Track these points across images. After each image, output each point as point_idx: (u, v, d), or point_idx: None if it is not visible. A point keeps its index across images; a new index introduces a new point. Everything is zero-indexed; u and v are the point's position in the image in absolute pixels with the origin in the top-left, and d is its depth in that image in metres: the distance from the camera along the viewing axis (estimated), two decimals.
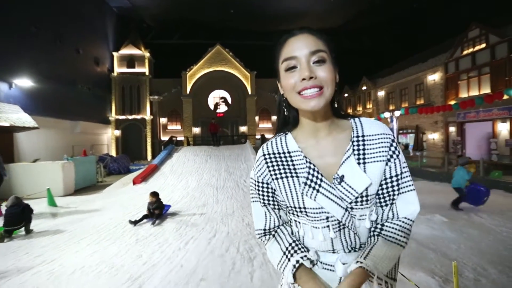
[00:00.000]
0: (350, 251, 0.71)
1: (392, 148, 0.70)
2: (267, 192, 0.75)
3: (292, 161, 0.72)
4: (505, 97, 9.40)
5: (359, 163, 0.68)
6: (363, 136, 0.71)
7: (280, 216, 0.77)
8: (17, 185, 8.58)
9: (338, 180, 0.68)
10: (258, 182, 0.76)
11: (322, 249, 0.72)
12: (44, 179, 8.49)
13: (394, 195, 0.70)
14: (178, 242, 3.98)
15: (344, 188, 0.67)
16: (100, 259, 3.43)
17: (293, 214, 0.74)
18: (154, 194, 5.35)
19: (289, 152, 0.74)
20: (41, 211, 6.11)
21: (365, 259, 0.64)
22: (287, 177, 0.72)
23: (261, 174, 0.75)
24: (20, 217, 4.54)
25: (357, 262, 0.64)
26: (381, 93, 19.79)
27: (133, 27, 23.92)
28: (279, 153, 0.74)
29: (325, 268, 0.71)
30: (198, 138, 21.43)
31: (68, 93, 16.44)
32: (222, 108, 23.17)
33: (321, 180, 0.68)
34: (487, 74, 11.80)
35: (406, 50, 21.17)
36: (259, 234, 0.78)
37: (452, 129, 13.76)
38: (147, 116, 22.53)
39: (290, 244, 0.73)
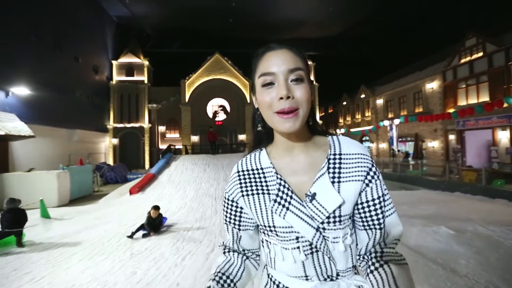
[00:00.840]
0: (325, 279, 0.67)
1: (372, 171, 0.67)
2: (232, 210, 0.74)
3: (264, 177, 0.70)
4: (505, 105, 9.40)
5: (333, 182, 0.65)
6: (340, 154, 0.68)
7: (239, 237, 0.75)
8: (11, 195, 8.32)
9: (310, 198, 0.65)
10: (227, 199, 0.75)
11: (293, 274, 0.68)
12: (39, 189, 8.31)
13: (381, 218, 0.66)
14: (175, 257, 3.80)
15: (315, 206, 0.64)
16: (92, 277, 3.25)
17: (264, 233, 0.72)
18: (158, 209, 5.16)
19: (262, 169, 0.72)
20: (33, 223, 5.91)
21: None
22: (258, 194, 0.69)
23: (232, 192, 0.73)
24: (16, 223, 4.43)
25: None
26: (379, 101, 19.85)
27: (132, 36, 24.10)
28: (252, 170, 0.73)
29: None
30: (197, 147, 21.28)
31: (66, 101, 16.37)
32: (221, 117, 23.12)
33: (291, 198, 0.65)
34: (485, 82, 11.84)
35: (405, 58, 21.36)
36: (219, 245, 0.80)
37: (451, 137, 13.72)
38: (146, 124, 22.44)
39: (216, 273, 0.73)
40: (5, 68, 11.80)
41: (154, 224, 4.95)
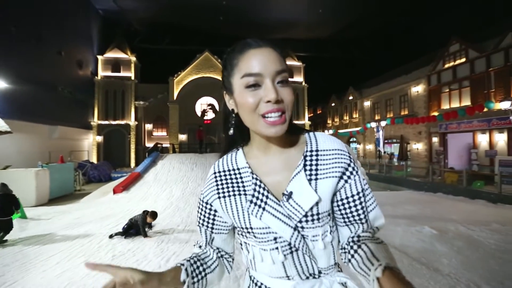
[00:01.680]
0: (307, 278, 0.65)
1: (351, 167, 0.65)
2: (206, 213, 0.72)
3: (241, 178, 0.68)
4: (485, 109, 9.77)
5: (310, 179, 0.64)
6: (317, 150, 0.67)
7: (212, 239, 0.73)
8: None
9: (286, 197, 0.63)
10: (201, 201, 0.73)
11: (274, 275, 0.66)
12: (15, 188, 7.82)
13: (363, 213, 0.65)
14: (159, 259, 3.68)
15: (292, 205, 0.63)
16: (70, 280, 3.09)
17: (242, 235, 0.70)
18: (155, 217, 4.91)
19: (238, 169, 0.70)
20: None
21: (379, 260, 0.54)
22: (234, 195, 0.67)
23: (208, 193, 0.71)
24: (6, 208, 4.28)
25: (379, 266, 0.52)
26: (367, 103, 20.24)
27: (119, 31, 23.41)
28: (229, 170, 0.70)
29: None
30: (185, 145, 20.97)
31: (47, 96, 15.68)
32: (210, 115, 22.89)
33: (267, 197, 0.64)
34: (467, 87, 12.29)
35: (392, 62, 21.92)
36: (194, 244, 0.77)
37: (435, 139, 14.17)
38: (132, 121, 21.88)
39: (191, 257, 0.70)
40: None
41: (146, 228, 4.78)
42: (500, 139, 10.91)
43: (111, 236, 4.57)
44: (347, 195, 0.65)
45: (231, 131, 0.70)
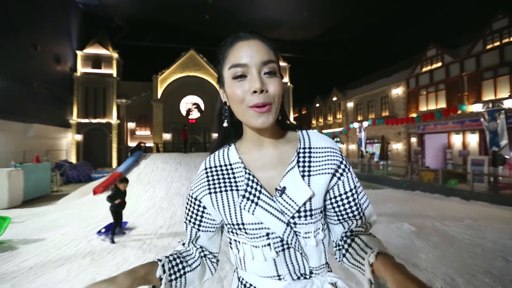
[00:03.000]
0: (298, 278, 0.65)
1: (343, 164, 0.67)
2: (194, 209, 0.71)
3: (233, 173, 0.68)
4: (459, 111, 10.31)
5: (303, 175, 0.64)
6: (310, 148, 0.68)
7: (197, 237, 0.72)
8: None
9: (279, 193, 0.63)
10: (191, 197, 0.72)
11: (265, 274, 0.65)
12: None
13: (357, 209, 0.66)
14: (140, 261, 3.58)
15: (285, 200, 0.62)
16: (44, 287, 2.93)
17: (232, 233, 0.68)
18: (126, 181, 4.59)
19: (230, 164, 0.69)
20: None
21: (372, 248, 0.58)
22: (226, 190, 0.67)
23: (198, 189, 0.70)
24: None
25: (372, 252, 0.56)
26: (350, 104, 20.76)
27: (100, 26, 22.60)
28: (220, 166, 0.70)
29: None
30: (169, 145, 20.58)
31: (21, 92, 14.85)
32: (195, 114, 22.59)
33: (260, 192, 0.63)
34: (443, 90, 12.91)
35: (374, 64, 22.63)
36: (179, 241, 0.76)
37: (413, 139, 14.77)
38: (113, 120, 21.18)
39: (171, 254, 0.69)
40: None
41: (123, 201, 4.51)
42: (472, 139, 11.56)
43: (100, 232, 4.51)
44: (340, 192, 0.66)
45: (225, 123, 0.70)
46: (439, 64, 13.11)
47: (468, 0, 20.57)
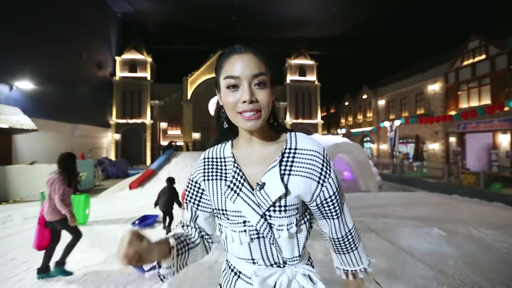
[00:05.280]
0: (272, 265, 0.73)
1: (324, 171, 0.73)
2: (194, 190, 0.80)
3: (225, 165, 0.77)
4: (506, 108, 9.36)
5: (284, 174, 0.71)
6: (295, 149, 0.74)
7: (196, 216, 0.81)
8: (13, 187, 8.53)
9: (259, 187, 0.71)
10: (191, 180, 0.81)
11: (241, 256, 0.74)
12: (40, 182, 8.39)
13: (337, 209, 0.76)
14: None
15: (262, 195, 0.70)
16: (87, 268, 3.34)
17: (218, 217, 0.78)
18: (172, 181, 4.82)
19: (224, 158, 0.78)
20: (33, 215, 6.03)
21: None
22: (216, 179, 0.76)
23: (196, 175, 0.80)
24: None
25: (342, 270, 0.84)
26: (381, 102, 19.79)
27: (136, 33, 24.20)
28: (216, 158, 0.80)
29: (245, 281, 0.74)
30: (198, 144, 21.41)
31: (69, 96, 16.53)
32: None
33: (243, 185, 0.71)
34: (487, 85, 11.79)
35: (407, 60, 21.27)
36: (177, 224, 0.85)
37: (452, 139, 13.68)
38: (148, 120, 22.57)
39: (174, 234, 0.76)
40: (9, 62, 11.95)
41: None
42: None
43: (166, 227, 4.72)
44: (325, 197, 0.74)
45: (225, 124, 0.80)
46: (483, 56, 11.98)
47: None
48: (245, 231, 0.71)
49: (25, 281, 2.99)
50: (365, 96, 21.83)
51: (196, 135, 23.15)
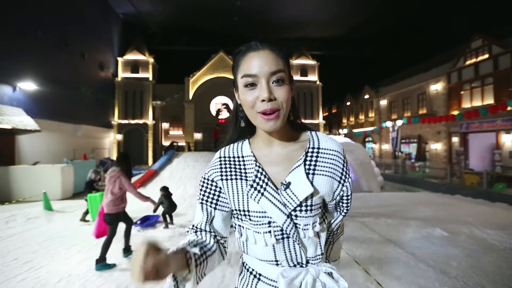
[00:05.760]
0: (295, 265, 0.70)
1: (345, 171, 0.74)
2: (211, 190, 0.76)
3: (244, 165, 0.74)
4: (509, 108, 9.30)
5: (308, 173, 0.70)
6: (318, 148, 0.73)
7: (212, 217, 0.76)
8: (16, 187, 8.59)
9: (284, 187, 0.69)
10: (206, 179, 0.77)
11: (264, 257, 0.71)
12: (43, 182, 8.49)
13: (346, 209, 0.77)
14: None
15: (288, 195, 0.68)
16: (89, 267, 3.35)
17: (237, 218, 0.74)
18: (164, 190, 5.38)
19: (243, 157, 0.76)
20: (36, 215, 6.07)
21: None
22: (236, 179, 0.73)
23: (212, 173, 0.76)
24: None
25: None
26: (383, 102, 19.72)
27: (138, 33, 24.28)
28: (233, 157, 0.77)
29: (269, 284, 0.72)
30: (200, 144, 21.44)
31: (71, 97, 16.61)
32: (224, 115, 23.22)
33: (267, 184, 0.69)
34: (490, 84, 11.71)
35: (409, 59, 21.18)
36: (188, 228, 0.78)
37: (455, 139, 13.60)
38: (149, 121, 22.64)
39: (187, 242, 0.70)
40: (12, 62, 12.03)
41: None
42: None
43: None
44: (343, 195, 0.75)
45: (243, 123, 0.79)
46: (486, 55, 11.91)
47: None
48: (269, 232, 0.69)
49: (27, 281, 3.01)
50: (367, 96, 21.76)
51: (197, 136, 23.19)
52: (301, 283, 0.69)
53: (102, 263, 3.26)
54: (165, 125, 23.73)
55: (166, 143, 21.36)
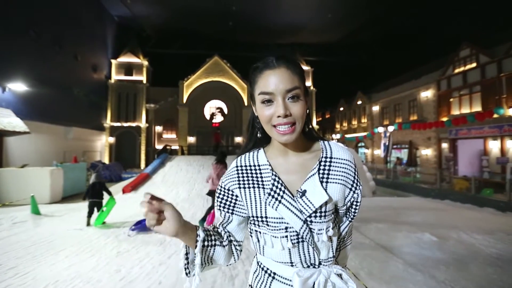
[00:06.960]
0: (308, 267, 0.75)
1: (356, 179, 0.79)
2: (228, 197, 0.81)
3: (260, 173, 0.78)
4: (496, 115, 9.57)
5: (322, 181, 0.74)
6: (331, 158, 0.78)
7: (229, 221, 0.82)
8: (3, 191, 8.36)
9: (300, 194, 0.73)
10: (223, 188, 0.81)
11: (280, 259, 0.76)
12: (31, 185, 8.29)
13: (353, 214, 0.81)
14: (160, 256, 3.84)
15: (304, 202, 0.73)
16: (76, 273, 3.28)
17: (254, 224, 0.78)
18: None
19: (259, 166, 0.80)
20: (22, 219, 5.91)
21: None
22: (253, 187, 0.77)
23: (229, 182, 0.80)
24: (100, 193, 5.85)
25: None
26: (375, 108, 20.05)
27: (132, 36, 24.19)
28: (250, 166, 0.80)
29: (283, 283, 0.76)
30: (193, 148, 21.32)
31: (63, 98, 16.37)
32: (218, 118, 23.21)
33: (284, 192, 0.74)
34: (478, 92, 12.05)
35: (401, 67, 21.64)
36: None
37: (444, 145, 13.90)
38: (143, 124, 22.45)
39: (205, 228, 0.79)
40: (2, 63, 11.81)
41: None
42: None
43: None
44: (354, 202, 0.80)
45: (259, 134, 0.83)
46: (474, 64, 12.27)
47: None
48: (286, 236, 0.73)
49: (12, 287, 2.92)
50: (359, 102, 22.08)
51: (191, 139, 23.07)
52: (314, 282, 0.74)
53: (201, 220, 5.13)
54: (159, 129, 23.56)
55: (159, 146, 21.19)
